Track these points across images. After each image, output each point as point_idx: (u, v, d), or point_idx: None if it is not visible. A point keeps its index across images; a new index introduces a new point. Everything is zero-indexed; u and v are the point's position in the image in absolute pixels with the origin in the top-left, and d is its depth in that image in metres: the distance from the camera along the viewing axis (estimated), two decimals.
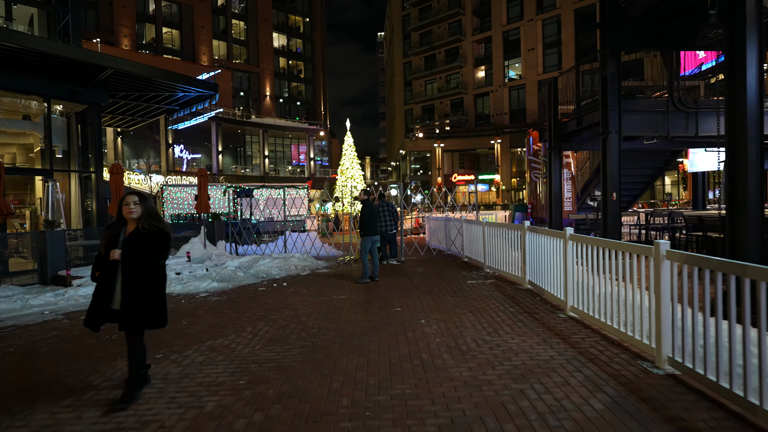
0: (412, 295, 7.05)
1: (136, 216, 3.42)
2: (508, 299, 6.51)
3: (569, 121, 9.81)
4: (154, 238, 3.40)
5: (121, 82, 11.81)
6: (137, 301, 3.38)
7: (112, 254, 3.32)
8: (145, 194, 3.60)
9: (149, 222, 3.43)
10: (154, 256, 3.41)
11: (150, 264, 3.41)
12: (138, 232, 3.39)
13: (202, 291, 7.84)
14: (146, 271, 3.41)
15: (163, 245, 3.47)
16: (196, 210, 11.51)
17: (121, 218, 3.49)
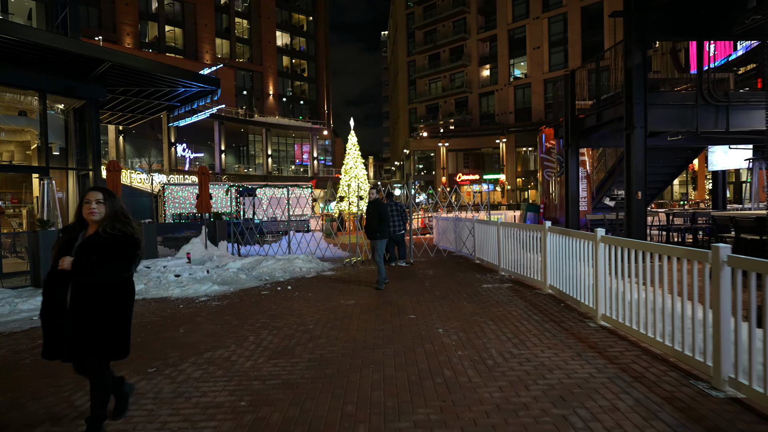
0: (426, 300, 6.60)
1: (98, 217, 2.77)
2: (529, 306, 6.05)
3: (588, 117, 9.34)
4: (117, 244, 2.72)
5: (119, 76, 11.39)
6: (87, 324, 2.67)
7: (61, 263, 2.64)
8: (111, 192, 2.93)
9: (113, 225, 2.77)
10: (115, 268, 2.70)
11: (108, 277, 2.70)
12: (97, 237, 2.74)
13: (202, 295, 7.41)
14: (103, 286, 2.71)
15: (127, 254, 2.75)
16: (197, 209, 11.09)
17: (81, 220, 2.84)
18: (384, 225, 7.53)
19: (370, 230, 7.64)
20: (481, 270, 9.22)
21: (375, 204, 7.68)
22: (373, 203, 7.71)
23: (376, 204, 7.66)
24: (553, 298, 6.43)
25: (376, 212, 7.56)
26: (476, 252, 10.39)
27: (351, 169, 27.45)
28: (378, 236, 7.55)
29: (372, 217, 7.59)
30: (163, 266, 8.98)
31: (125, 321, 2.82)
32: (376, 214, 7.55)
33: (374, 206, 7.64)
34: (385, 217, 7.57)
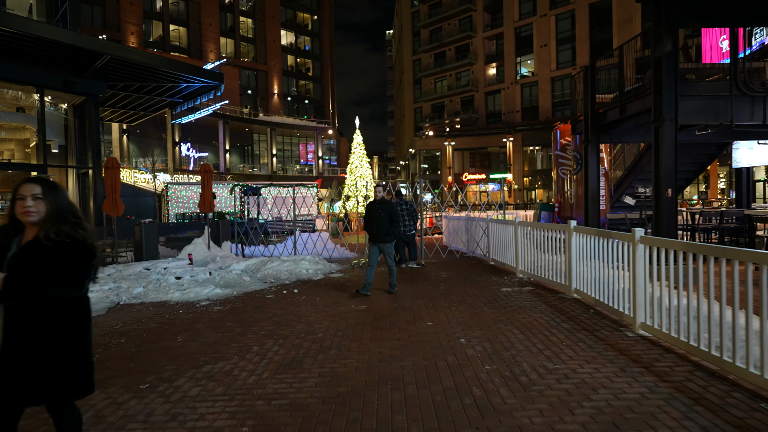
0: (442, 305, 6.15)
1: (36, 218, 2.06)
2: (555, 312, 5.58)
3: (610, 110, 8.85)
4: (64, 254, 2.04)
5: (119, 71, 11.03)
6: (29, 361, 2.01)
7: None
8: (54, 185, 2.17)
9: (58, 228, 2.06)
10: (61, 285, 2.01)
11: (54, 296, 2.02)
12: (37, 244, 2.05)
13: (204, 298, 7.00)
14: (48, 309, 2.04)
15: (78, 267, 2.06)
16: (199, 209, 10.69)
17: (16, 221, 2.11)
18: (395, 226, 6.91)
19: (380, 233, 6.87)
20: (497, 272, 8.75)
21: (383, 204, 6.97)
22: (381, 203, 6.99)
23: (385, 204, 6.98)
24: (581, 304, 5.95)
25: (386, 213, 6.90)
26: (491, 253, 9.92)
27: (356, 169, 27.04)
28: (389, 239, 6.93)
29: (380, 218, 6.86)
30: (163, 268, 8.59)
31: (82, 351, 2.15)
32: (386, 215, 6.89)
33: (383, 206, 6.95)
34: (396, 218, 6.94)
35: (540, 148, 47.51)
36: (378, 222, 6.90)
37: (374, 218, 6.95)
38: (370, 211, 7.03)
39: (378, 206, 6.96)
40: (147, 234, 9.48)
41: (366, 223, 7.07)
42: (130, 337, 5.05)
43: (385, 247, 7.00)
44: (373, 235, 6.98)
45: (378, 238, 6.96)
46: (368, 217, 7.04)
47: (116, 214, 8.92)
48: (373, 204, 7.04)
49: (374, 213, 6.97)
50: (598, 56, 43.89)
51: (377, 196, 7.03)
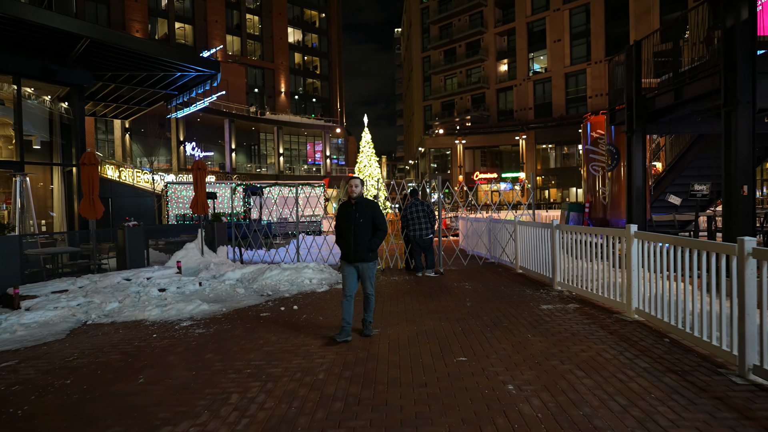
0: (473, 329, 4.99)
1: None
2: (619, 341, 4.40)
3: (660, 96, 7.62)
4: None
5: (105, 58, 10.01)
6: None
7: None
8: None
9: None
10: None
11: None
12: None
13: (186, 317, 5.90)
14: None
15: None
16: (192, 210, 9.64)
17: None
18: (379, 238, 4.80)
19: (358, 248, 4.72)
20: (530, 283, 7.57)
21: (363, 206, 4.81)
22: (360, 204, 4.81)
23: (365, 206, 4.82)
24: (648, 330, 4.76)
25: (367, 218, 4.75)
26: (518, 260, 8.73)
27: (365, 168, 25.98)
28: (371, 256, 4.78)
29: (358, 226, 4.73)
30: (146, 278, 7.52)
31: None
32: (367, 221, 4.75)
33: (363, 208, 4.79)
34: (382, 225, 4.82)
35: (553, 146, 46.11)
36: (355, 232, 4.71)
37: (349, 226, 4.75)
38: (343, 217, 4.83)
39: (355, 209, 4.77)
40: (131, 239, 8.43)
41: (338, 234, 4.90)
42: (81, 375, 3.97)
43: (367, 268, 4.79)
44: (348, 252, 4.75)
45: (356, 255, 4.72)
46: (340, 225, 4.85)
47: (94, 216, 7.89)
48: (347, 206, 4.85)
49: (349, 218, 4.77)
50: (613, 51, 42.44)
51: (353, 194, 4.82)
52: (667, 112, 7.77)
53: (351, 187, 4.84)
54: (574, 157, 44.47)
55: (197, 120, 38.46)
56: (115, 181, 20.83)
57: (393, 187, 10.50)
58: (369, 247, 4.73)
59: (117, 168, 23.21)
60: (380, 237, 4.81)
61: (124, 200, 21.11)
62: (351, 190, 4.84)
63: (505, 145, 48.14)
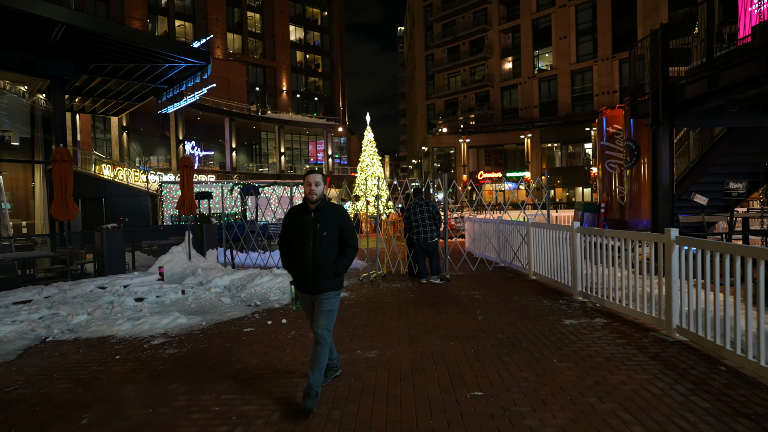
0: (488, 351, 4.26)
1: None
2: (665, 368, 3.67)
3: (691, 84, 6.87)
4: None
5: (86, 48, 9.34)
6: None
7: None
8: None
9: None
10: None
11: None
12: None
13: (159, 333, 5.20)
14: None
15: None
16: (178, 211, 8.96)
17: None
18: (349, 256, 3.38)
19: (318, 270, 3.28)
20: (546, 292, 6.83)
21: (327, 212, 3.33)
22: (321, 210, 3.32)
23: (330, 213, 3.34)
24: (696, 353, 4.02)
25: (332, 228, 3.31)
26: (532, 265, 8.00)
27: (367, 167, 25.28)
28: (336, 284, 3.35)
29: (319, 241, 3.27)
30: (123, 286, 6.83)
31: None
32: (332, 233, 3.30)
33: (327, 215, 3.32)
34: (352, 239, 3.38)
35: (559, 145, 45.29)
36: (315, 250, 3.25)
37: (306, 242, 3.26)
38: (296, 228, 3.31)
39: (314, 217, 3.28)
40: (109, 242, 7.74)
41: (285, 253, 3.42)
42: (13, 414, 3.27)
43: (327, 300, 3.30)
44: (305, 278, 3.28)
45: (315, 284, 3.27)
46: (291, 239, 3.35)
47: (67, 217, 7.22)
48: (302, 212, 3.33)
49: (306, 231, 3.27)
50: (620, 48, 41.61)
51: (312, 195, 3.27)
52: (698, 102, 7.02)
53: (309, 186, 3.24)
54: (580, 156, 43.67)
55: (197, 119, 37.88)
56: (109, 181, 20.19)
57: (395, 187, 9.79)
58: (335, 272, 3.29)
59: (113, 167, 22.61)
60: (350, 256, 3.37)
61: (119, 200, 20.48)
62: (309, 189, 3.24)
63: (510, 144, 47.34)
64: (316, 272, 3.27)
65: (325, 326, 3.29)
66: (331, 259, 3.31)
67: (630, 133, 9.61)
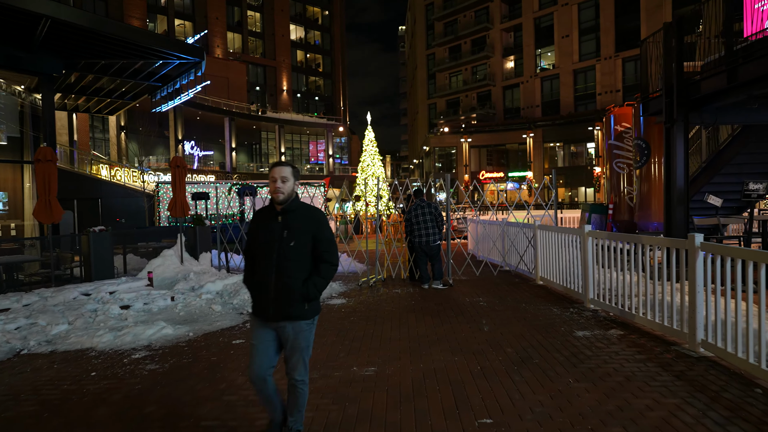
0: (496, 367, 3.91)
1: None
2: (696, 391, 3.30)
3: (708, 79, 6.51)
4: None
5: (75, 43, 9.00)
6: None
7: None
8: None
9: None
10: None
11: None
12: None
13: (142, 345, 4.85)
14: None
15: None
16: (170, 213, 8.62)
17: None
18: (327, 275, 2.62)
19: (284, 292, 2.53)
20: (555, 299, 6.47)
21: (299, 215, 2.63)
22: (290, 213, 2.61)
23: (302, 216, 2.63)
24: (725, 372, 3.66)
25: (302, 238, 2.58)
26: (539, 270, 7.63)
27: (368, 167, 24.93)
28: (311, 311, 2.60)
29: (285, 253, 2.55)
30: (109, 293, 6.49)
31: None
32: (301, 242, 2.58)
33: (302, 221, 2.62)
34: (330, 249, 2.63)
35: (561, 145, 44.88)
36: (279, 263, 2.55)
37: (270, 252, 2.56)
38: (259, 234, 2.65)
39: (282, 221, 2.60)
40: (96, 246, 7.39)
41: (247, 265, 2.70)
42: None
43: (299, 333, 2.59)
44: (265, 299, 2.55)
45: (277, 308, 2.54)
46: (253, 248, 2.67)
47: (51, 220, 6.88)
48: (268, 216, 2.65)
49: (270, 238, 2.58)
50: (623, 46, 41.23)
51: (278, 194, 2.57)
52: (715, 98, 6.66)
53: (273, 182, 2.54)
54: (583, 156, 43.27)
55: (197, 118, 37.57)
56: (106, 181, 19.88)
57: (396, 187, 9.42)
58: (305, 294, 2.50)
59: (111, 168, 22.30)
60: (327, 275, 2.59)
61: (116, 201, 20.17)
62: (274, 187, 2.54)
63: (512, 143, 46.96)
64: (280, 293, 2.50)
65: (300, 369, 2.59)
66: (301, 278, 2.54)
67: (640, 132, 9.24)
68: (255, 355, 2.59)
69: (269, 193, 2.62)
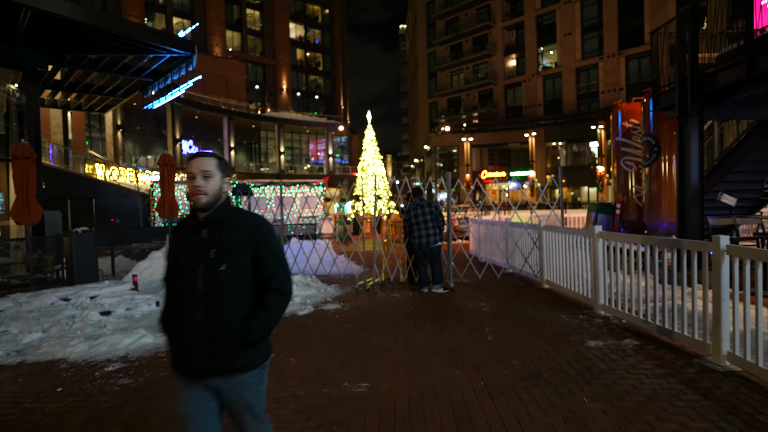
0: (502, 385, 3.54)
1: None
2: (727, 413, 2.93)
3: (725, 71, 6.14)
4: None
5: (60, 36, 8.65)
6: None
7: None
8: None
9: None
10: None
11: None
12: None
13: (118, 356, 4.49)
14: None
15: None
16: (158, 213, 8.27)
17: None
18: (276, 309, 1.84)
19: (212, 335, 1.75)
20: (562, 304, 6.10)
21: (238, 227, 1.84)
22: (222, 223, 1.83)
23: (243, 228, 1.84)
24: (757, 389, 3.28)
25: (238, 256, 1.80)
26: (544, 272, 7.26)
27: (368, 166, 24.53)
28: (253, 359, 1.81)
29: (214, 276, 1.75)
30: (90, 297, 6.13)
31: None
32: (238, 265, 1.79)
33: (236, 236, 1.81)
34: (282, 284, 1.85)
35: (564, 144, 44.48)
36: (206, 293, 1.75)
37: (192, 279, 1.76)
38: (179, 256, 1.85)
39: (207, 237, 1.80)
40: (79, 248, 7.03)
41: (167, 298, 1.89)
42: None
43: (243, 388, 1.81)
44: (187, 347, 1.78)
45: (207, 358, 1.76)
46: (172, 274, 1.86)
47: (29, 221, 6.53)
48: (189, 229, 1.85)
49: (191, 259, 1.79)
50: (627, 44, 40.86)
51: (198, 196, 1.79)
52: (732, 91, 6.28)
53: (192, 178, 1.80)
54: (585, 155, 42.86)
55: (195, 117, 37.24)
56: (100, 181, 19.56)
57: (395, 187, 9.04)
58: (247, 338, 1.78)
59: (106, 167, 21.97)
60: (276, 308, 1.85)
61: (110, 201, 19.84)
62: (192, 186, 1.79)
63: (514, 142, 46.57)
64: (210, 340, 1.73)
65: (256, 428, 1.85)
66: (239, 315, 1.76)
67: (649, 128, 8.86)
68: (189, 429, 1.77)
69: (186, 194, 1.70)
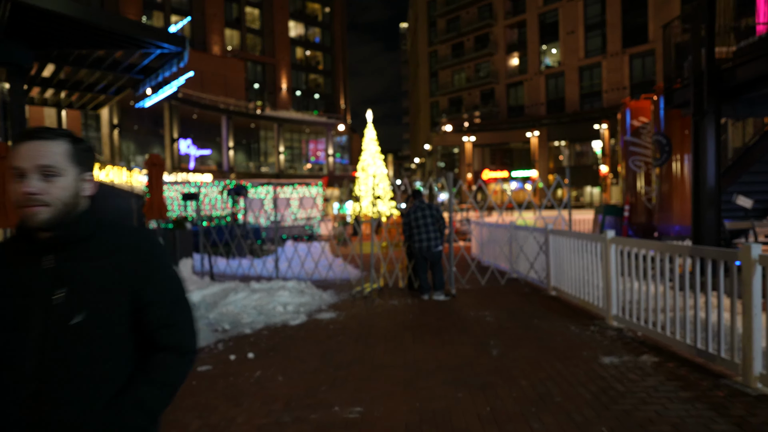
0: (509, 409, 3.17)
1: None
2: None
3: (743, 65, 5.77)
4: None
5: (45, 31, 8.28)
6: None
7: None
8: None
9: None
10: None
11: None
12: None
13: None
14: None
15: None
16: (146, 215, 7.93)
17: None
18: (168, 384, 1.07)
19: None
20: (571, 314, 5.73)
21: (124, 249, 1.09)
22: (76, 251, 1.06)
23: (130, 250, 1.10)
24: None
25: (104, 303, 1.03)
26: (551, 279, 6.89)
27: (369, 166, 24.15)
28: None
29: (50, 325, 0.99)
30: None
31: None
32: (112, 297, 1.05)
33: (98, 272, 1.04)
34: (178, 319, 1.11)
35: (567, 144, 44.08)
36: (43, 372, 0.97)
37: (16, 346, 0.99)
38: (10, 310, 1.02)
39: (56, 268, 1.03)
40: None
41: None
42: None
43: None
44: None
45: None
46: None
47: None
48: (12, 259, 1.06)
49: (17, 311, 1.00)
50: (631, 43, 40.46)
51: (34, 212, 1.02)
52: (752, 87, 5.91)
53: (21, 177, 1.03)
54: (588, 155, 42.44)
55: (193, 116, 36.93)
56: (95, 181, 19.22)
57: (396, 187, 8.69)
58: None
59: (100, 167, 21.66)
60: (171, 377, 1.08)
61: (104, 203, 19.47)
62: (22, 188, 1.02)
63: (516, 142, 46.17)
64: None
65: None
66: (102, 394, 1.01)
67: (660, 127, 8.49)
68: None
69: (16, 201, 1.07)
